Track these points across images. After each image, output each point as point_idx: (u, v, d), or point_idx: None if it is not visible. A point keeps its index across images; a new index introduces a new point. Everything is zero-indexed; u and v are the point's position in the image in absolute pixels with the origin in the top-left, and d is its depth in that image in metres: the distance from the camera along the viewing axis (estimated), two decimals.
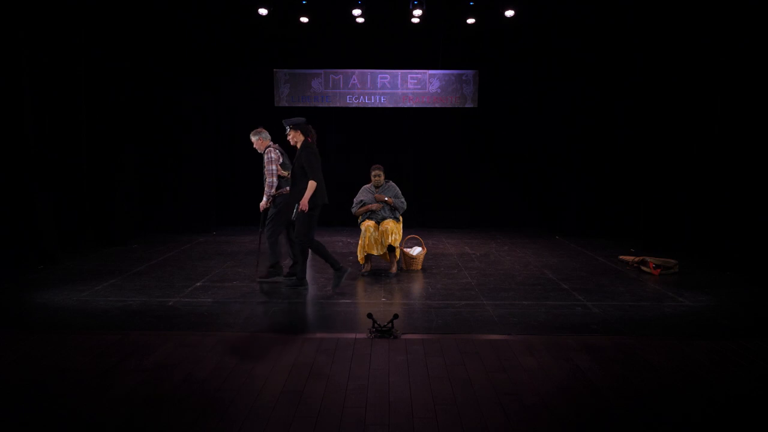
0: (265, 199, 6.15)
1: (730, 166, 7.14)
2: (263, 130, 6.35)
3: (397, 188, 6.82)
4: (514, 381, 3.59)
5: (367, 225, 6.53)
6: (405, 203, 6.79)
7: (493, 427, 3.03)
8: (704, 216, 7.57)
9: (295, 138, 5.86)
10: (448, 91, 10.26)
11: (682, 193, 8.02)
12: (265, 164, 6.15)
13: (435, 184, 10.49)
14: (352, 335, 4.44)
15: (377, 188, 6.78)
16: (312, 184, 5.66)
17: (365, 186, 6.88)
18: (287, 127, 5.88)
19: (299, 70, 10.23)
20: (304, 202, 5.63)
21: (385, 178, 6.83)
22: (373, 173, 6.75)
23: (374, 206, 6.64)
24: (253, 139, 6.32)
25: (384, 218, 6.60)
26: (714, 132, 7.40)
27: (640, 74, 8.68)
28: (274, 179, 6.12)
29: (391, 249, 6.59)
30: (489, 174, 10.46)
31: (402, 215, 6.83)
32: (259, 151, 6.31)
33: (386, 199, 6.64)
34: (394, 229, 6.52)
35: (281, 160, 6.20)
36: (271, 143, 6.29)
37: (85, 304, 5.32)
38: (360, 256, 6.61)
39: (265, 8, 8.72)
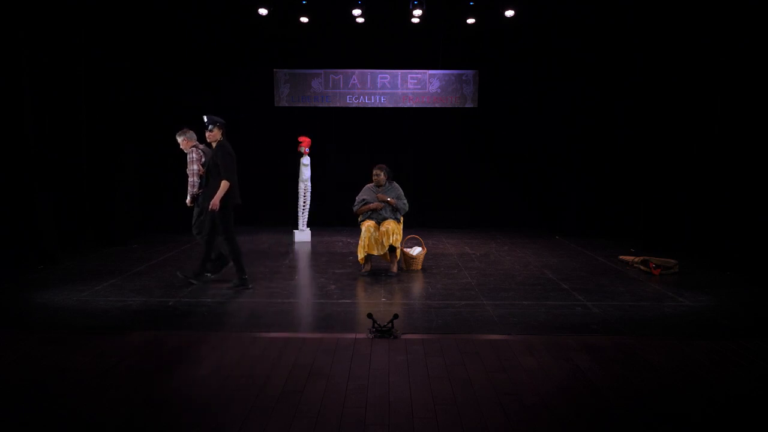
0: (189, 198, 6.28)
1: (730, 166, 7.14)
2: (188, 130, 6.46)
3: (400, 189, 6.79)
4: (514, 381, 3.59)
5: (368, 225, 6.53)
6: (407, 205, 6.77)
7: (493, 427, 3.03)
8: (704, 216, 7.57)
9: (215, 136, 5.86)
10: (448, 91, 10.26)
11: (682, 193, 8.02)
12: (188, 164, 6.29)
13: (435, 184, 10.49)
14: (352, 335, 4.44)
15: (379, 188, 6.76)
16: (225, 184, 5.68)
17: (368, 185, 6.85)
18: (209, 125, 5.84)
19: (299, 70, 10.23)
20: (215, 202, 5.66)
21: (389, 179, 6.80)
22: (373, 172, 6.73)
23: (374, 206, 6.63)
24: (179, 139, 6.43)
25: (385, 218, 6.59)
26: (714, 132, 7.40)
27: (640, 74, 8.68)
28: (195, 179, 6.24)
29: (392, 249, 6.57)
30: (489, 174, 10.45)
31: (402, 215, 6.82)
32: (185, 151, 6.42)
33: (388, 199, 6.62)
34: (395, 230, 6.51)
35: (203, 160, 6.26)
36: (197, 143, 6.39)
37: (85, 304, 5.32)
38: (360, 256, 6.60)
39: (265, 8, 8.72)
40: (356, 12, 8.92)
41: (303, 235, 8.99)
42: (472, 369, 3.77)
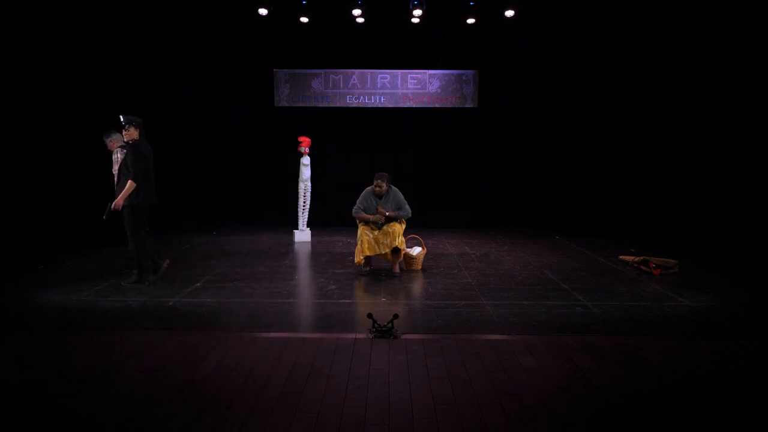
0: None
1: (730, 166, 7.14)
2: (116, 132, 6.51)
3: (401, 196, 6.65)
4: (514, 381, 3.59)
5: (363, 229, 6.51)
6: (409, 211, 6.63)
7: (493, 427, 3.03)
8: (704, 216, 7.57)
9: (131, 135, 5.93)
10: (448, 91, 10.26)
11: (682, 193, 8.02)
12: (113, 164, 6.44)
13: (435, 184, 10.49)
14: (352, 335, 4.44)
15: (379, 198, 6.60)
16: (130, 184, 5.80)
17: (368, 189, 6.68)
18: (125, 124, 5.92)
19: (299, 70, 10.23)
20: (118, 202, 5.82)
21: (389, 186, 6.63)
22: (375, 182, 6.56)
23: (374, 218, 6.49)
24: (106, 141, 6.54)
25: (386, 223, 6.54)
26: (714, 132, 7.40)
27: (640, 74, 8.68)
28: None
29: (395, 250, 6.55)
30: (489, 174, 10.45)
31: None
32: (112, 152, 6.54)
33: (387, 213, 6.48)
34: (400, 231, 6.50)
35: None
36: (123, 144, 6.43)
37: (85, 304, 5.32)
38: (357, 258, 6.58)
39: (265, 8, 8.72)
40: (356, 12, 8.92)
41: (303, 235, 8.99)
42: (472, 369, 3.77)
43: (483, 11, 9.23)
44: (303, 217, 9.00)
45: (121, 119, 5.93)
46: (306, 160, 8.79)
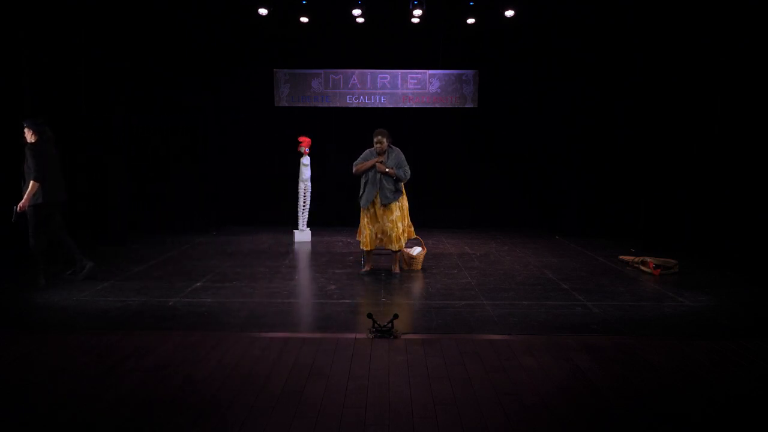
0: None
1: (730, 165, 7.14)
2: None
3: (402, 156, 6.53)
4: (514, 381, 3.59)
5: (365, 223, 6.51)
6: (408, 172, 6.51)
7: (493, 427, 3.03)
8: (704, 215, 7.57)
9: (28, 138, 5.98)
10: (448, 91, 10.25)
11: (682, 192, 8.02)
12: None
13: (435, 184, 10.48)
14: (352, 335, 4.44)
15: (380, 155, 6.51)
16: (32, 184, 5.82)
17: (368, 150, 6.62)
18: (24, 127, 5.98)
19: (299, 70, 10.22)
20: (23, 203, 5.83)
21: (389, 144, 6.55)
22: (375, 139, 6.50)
23: (375, 160, 6.44)
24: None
25: (388, 201, 6.41)
26: (714, 132, 7.41)
27: (640, 74, 8.68)
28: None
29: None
30: (489, 173, 10.45)
31: (404, 183, 6.65)
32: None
33: (387, 170, 6.40)
34: (400, 236, 6.49)
35: None
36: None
37: (85, 304, 5.32)
38: (362, 243, 6.62)
39: (265, 8, 8.72)
40: (356, 12, 8.92)
41: (303, 235, 8.99)
42: (472, 369, 3.78)
43: (483, 11, 9.23)
44: (303, 217, 9.00)
45: (24, 123, 5.97)
46: (306, 160, 8.79)
